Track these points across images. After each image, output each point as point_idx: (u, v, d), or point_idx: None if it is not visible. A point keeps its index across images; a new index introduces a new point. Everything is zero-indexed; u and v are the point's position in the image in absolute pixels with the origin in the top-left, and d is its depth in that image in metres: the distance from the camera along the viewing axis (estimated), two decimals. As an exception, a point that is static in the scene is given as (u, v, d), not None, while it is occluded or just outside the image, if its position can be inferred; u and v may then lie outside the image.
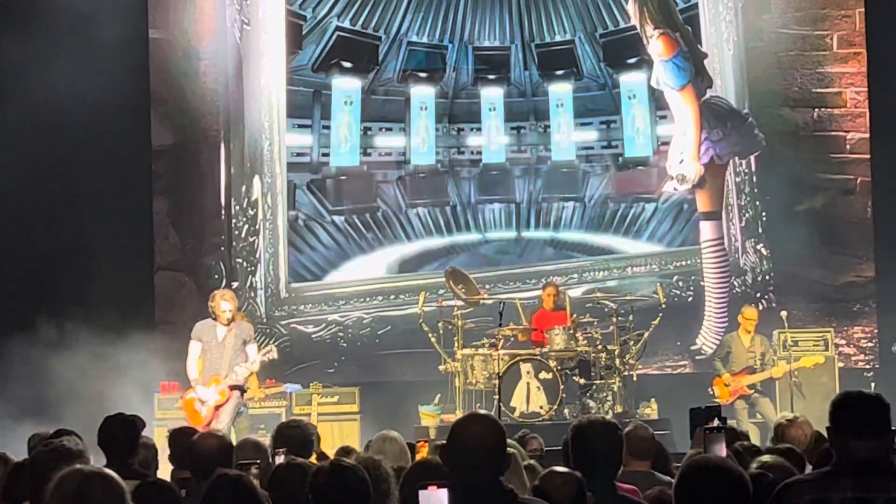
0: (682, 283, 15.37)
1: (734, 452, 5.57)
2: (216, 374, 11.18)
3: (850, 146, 15.25)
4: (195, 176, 15.28)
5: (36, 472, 4.76)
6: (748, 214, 15.36)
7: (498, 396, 11.98)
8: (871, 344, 15.02)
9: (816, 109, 15.32)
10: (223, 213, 15.25)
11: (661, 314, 13.31)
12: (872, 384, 13.46)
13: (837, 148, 15.27)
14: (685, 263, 15.46)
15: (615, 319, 13.07)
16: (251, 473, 4.66)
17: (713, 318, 15.17)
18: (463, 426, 3.99)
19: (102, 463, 5.86)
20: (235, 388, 11.25)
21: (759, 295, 15.10)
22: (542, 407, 12.45)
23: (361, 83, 15.76)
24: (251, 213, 15.27)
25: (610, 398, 12.75)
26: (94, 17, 13.71)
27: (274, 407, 13.55)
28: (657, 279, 15.10)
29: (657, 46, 15.30)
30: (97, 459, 5.77)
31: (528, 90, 15.93)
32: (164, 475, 6.41)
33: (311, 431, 6.65)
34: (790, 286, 15.08)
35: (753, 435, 11.61)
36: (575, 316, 13.25)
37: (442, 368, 13.16)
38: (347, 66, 15.69)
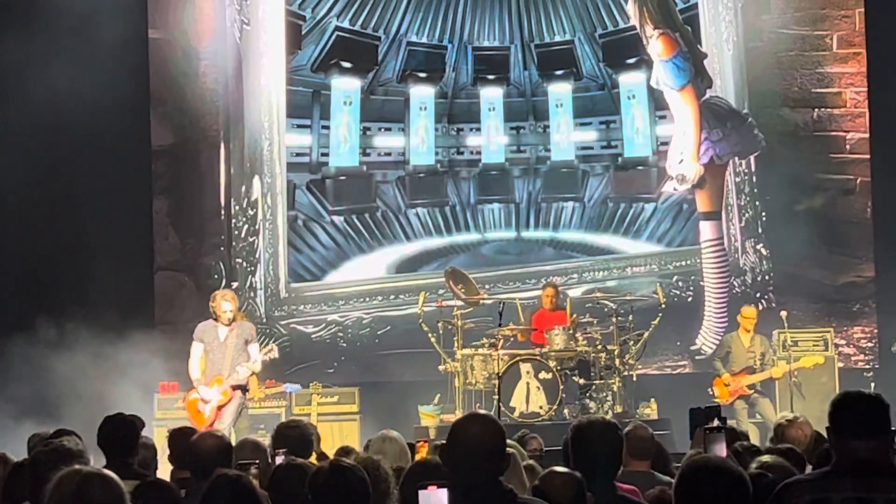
0: (681, 283, 15.36)
1: (734, 452, 5.57)
2: (218, 374, 11.19)
3: (849, 146, 15.24)
4: (195, 176, 15.28)
5: (36, 472, 4.77)
6: (748, 214, 15.35)
7: (497, 396, 11.97)
8: (870, 344, 15.01)
9: (816, 109, 15.31)
10: (223, 213, 15.25)
11: (660, 314, 13.30)
12: (872, 384, 13.45)
13: (837, 148, 15.27)
14: (685, 263, 15.45)
15: (615, 319, 13.06)
16: (250, 473, 4.66)
17: (713, 318, 15.16)
18: (462, 426, 3.99)
19: (102, 463, 5.86)
20: (238, 388, 11.26)
21: (758, 295, 15.09)
22: (541, 407, 12.45)
23: (361, 83, 15.75)
24: (251, 213, 15.27)
25: (610, 398, 12.74)
26: (94, 17, 13.71)
27: (273, 407, 13.54)
28: (657, 279, 15.10)
29: (657, 46, 15.30)
30: (97, 459, 5.77)
31: (527, 90, 15.93)
32: (163, 475, 6.41)
33: (310, 431, 6.66)
34: (790, 286, 15.07)
35: (753, 435, 11.60)
36: (575, 316, 13.25)
37: (442, 368, 13.16)
38: (347, 66, 15.69)
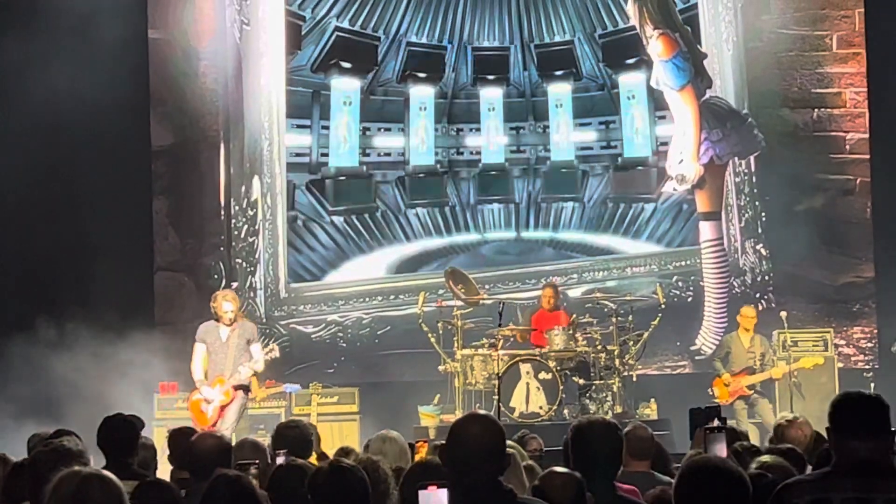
0: (681, 283, 15.36)
1: (734, 452, 5.56)
2: (220, 374, 11.19)
3: (849, 146, 15.24)
4: (195, 176, 15.28)
5: (35, 472, 4.76)
6: (748, 215, 15.35)
7: (497, 397, 11.96)
8: (870, 344, 15.01)
9: (816, 110, 15.31)
10: (223, 213, 15.25)
11: (660, 314, 13.29)
12: (872, 384, 13.44)
13: (837, 148, 15.27)
14: (685, 263, 15.45)
15: (615, 320, 13.05)
16: (250, 473, 4.66)
17: (713, 318, 15.16)
18: (462, 426, 3.98)
19: (102, 463, 5.86)
20: (240, 388, 11.27)
21: (758, 295, 15.09)
22: (541, 407, 12.44)
23: (360, 83, 15.75)
24: (251, 213, 15.26)
25: (609, 398, 12.74)
26: (94, 17, 13.71)
27: (273, 407, 13.54)
28: (657, 279, 15.09)
29: (657, 47, 15.29)
30: (97, 460, 5.77)
31: (527, 90, 15.92)
32: (163, 475, 6.41)
33: (310, 431, 6.67)
34: (790, 286, 15.07)
35: (753, 435, 11.60)
36: (574, 316, 13.24)
37: (441, 369, 13.15)
38: (346, 66, 15.69)
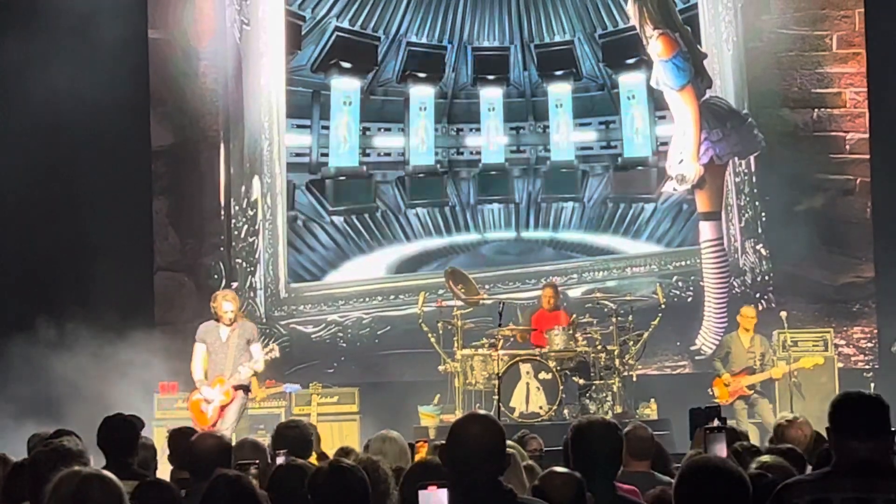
0: (681, 283, 15.36)
1: (734, 452, 5.56)
2: (220, 374, 11.20)
3: (849, 146, 15.24)
4: (195, 176, 15.27)
5: (35, 472, 4.76)
6: (748, 215, 15.35)
7: (497, 397, 11.96)
8: (870, 344, 15.01)
9: (816, 110, 15.31)
10: (223, 213, 15.25)
11: (660, 314, 13.29)
12: (872, 384, 13.44)
13: (837, 148, 15.27)
14: (685, 263, 15.45)
15: (615, 320, 13.05)
16: (250, 473, 4.66)
17: (713, 318, 15.16)
18: (462, 426, 3.98)
19: (102, 463, 5.86)
20: (240, 388, 11.27)
21: (758, 295, 15.09)
22: (541, 407, 12.44)
23: (360, 83, 15.75)
24: (251, 213, 15.26)
25: (609, 398, 12.73)
26: (94, 17, 13.71)
27: (273, 407, 13.54)
28: (657, 279, 15.09)
29: (657, 47, 15.29)
30: (97, 460, 5.77)
31: (527, 90, 15.92)
32: (163, 475, 6.41)
33: (310, 431, 6.67)
34: (790, 286, 15.07)
35: (753, 435, 11.60)
36: (574, 316, 13.24)
37: (441, 369, 13.15)
38: (346, 66, 15.69)
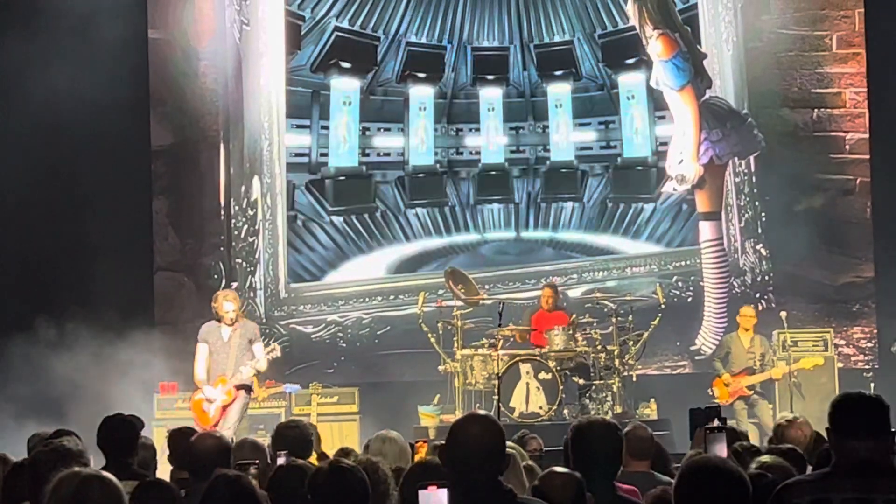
0: (681, 283, 15.36)
1: (734, 452, 5.56)
2: (222, 374, 11.20)
3: (849, 146, 15.24)
4: (194, 176, 15.28)
5: (35, 472, 4.77)
6: (747, 215, 15.35)
7: (497, 397, 11.96)
8: (870, 344, 15.01)
9: (816, 110, 15.31)
10: (222, 213, 15.25)
11: (660, 314, 13.29)
12: (872, 385, 13.44)
13: (837, 148, 15.27)
14: (685, 264, 15.45)
15: (614, 320, 13.05)
16: (250, 473, 4.66)
17: (713, 318, 15.16)
18: (462, 426, 3.98)
19: (102, 463, 5.86)
20: (242, 387, 11.28)
21: (758, 295, 15.09)
22: (541, 407, 12.44)
23: (360, 83, 15.74)
24: (250, 213, 15.26)
25: (609, 398, 12.73)
26: (94, 17, 13.71)
27: (273, 407, 13.53)
28: (656, 279, 15.09)
29: (656, 47, 15.29)
30: (97, 460, 5.77)
31: (526, 91, 15.92)
32: (163, 475, 6.41)
33: (310, 431, 6.67)
34: (790, 286, 15.07)
35: (753, 435, 11.60)
36: (574, 316, 13.24)
37: (441, 369, 13.15)
38: (346, 66, 15.68)
